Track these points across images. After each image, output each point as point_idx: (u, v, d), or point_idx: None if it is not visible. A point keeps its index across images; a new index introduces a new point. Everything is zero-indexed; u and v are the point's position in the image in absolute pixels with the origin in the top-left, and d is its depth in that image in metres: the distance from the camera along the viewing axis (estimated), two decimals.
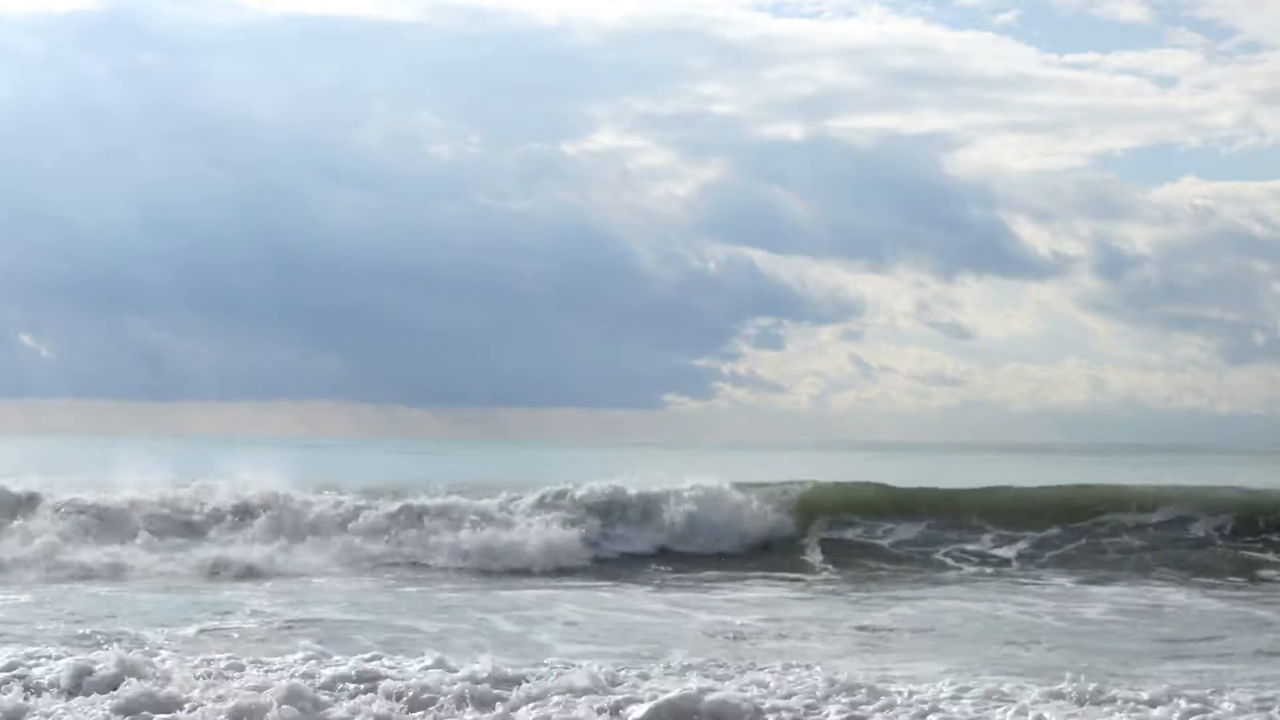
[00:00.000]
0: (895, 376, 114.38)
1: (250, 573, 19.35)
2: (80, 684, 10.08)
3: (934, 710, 9.72)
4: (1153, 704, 9.98)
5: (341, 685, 10.15)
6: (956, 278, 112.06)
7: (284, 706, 9.37)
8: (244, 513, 22.48)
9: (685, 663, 11.58)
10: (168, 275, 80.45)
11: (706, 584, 19.08)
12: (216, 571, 19.40)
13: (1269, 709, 9.91)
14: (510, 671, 10.43)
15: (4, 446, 54.96)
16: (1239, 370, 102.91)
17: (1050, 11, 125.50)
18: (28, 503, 22.50)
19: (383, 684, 10.10)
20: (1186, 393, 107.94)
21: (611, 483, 23.30)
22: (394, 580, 19.15)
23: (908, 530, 22.84)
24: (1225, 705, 9.98)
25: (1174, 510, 23.02)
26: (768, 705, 9.70)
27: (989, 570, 20.94)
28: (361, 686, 10.12)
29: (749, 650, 13.04)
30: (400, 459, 52.93)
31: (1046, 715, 9.57)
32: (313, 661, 10.88)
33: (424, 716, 9.57)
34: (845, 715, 9.62)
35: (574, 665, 10.81)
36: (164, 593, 17.31)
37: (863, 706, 9.80)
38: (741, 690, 10.10)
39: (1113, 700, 10.07)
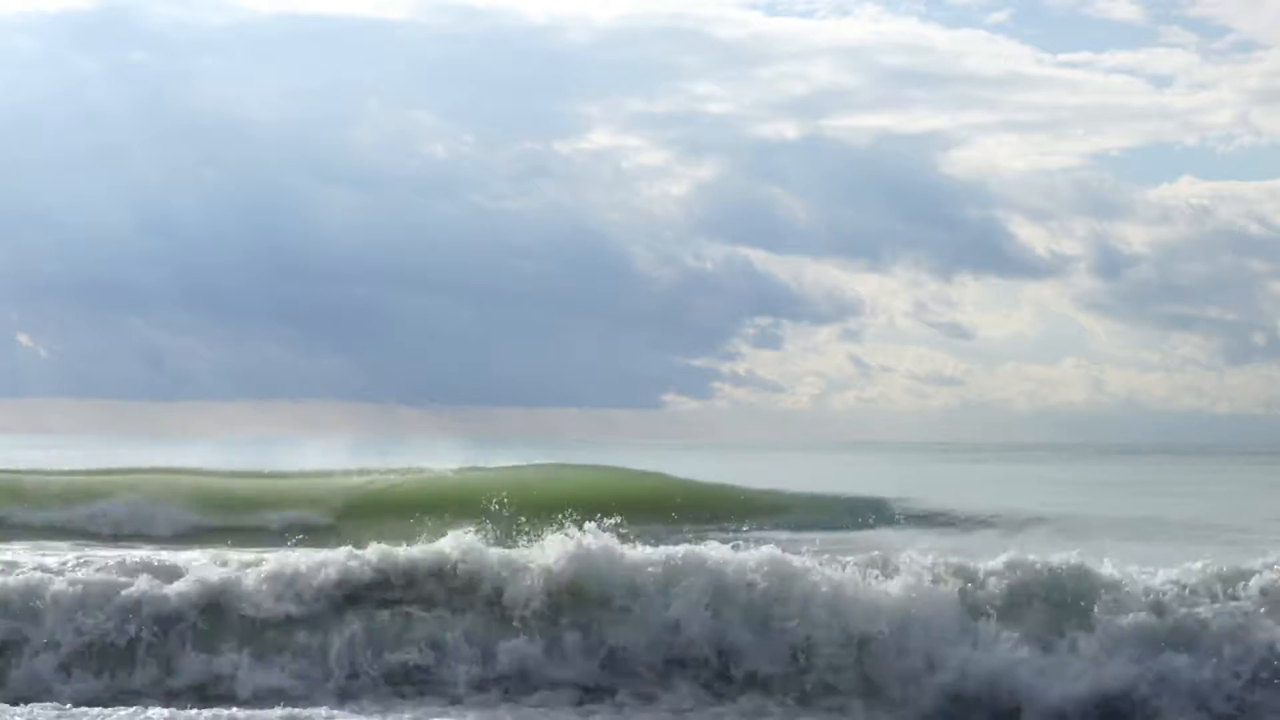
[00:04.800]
0: (894, 376, 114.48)
1: None
2: None
3: None
4: None
5: None
6: (954, 277, 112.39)
7: None
8: None
9: None
10: (164, 275, 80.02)
11: None
12: None
13: None
14: None
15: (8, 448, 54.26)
16: (1238, 370, 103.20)
17: (1043, 10, 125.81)
18: None
19: None
20: (1186, 393, 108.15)
21: None
22: None
23: None
24: None
25: None
26: None
27: None
28: None
29: None
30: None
31: None
32: None
33: None
34: None
35: None
36: None
37: None
38: None
39: None
